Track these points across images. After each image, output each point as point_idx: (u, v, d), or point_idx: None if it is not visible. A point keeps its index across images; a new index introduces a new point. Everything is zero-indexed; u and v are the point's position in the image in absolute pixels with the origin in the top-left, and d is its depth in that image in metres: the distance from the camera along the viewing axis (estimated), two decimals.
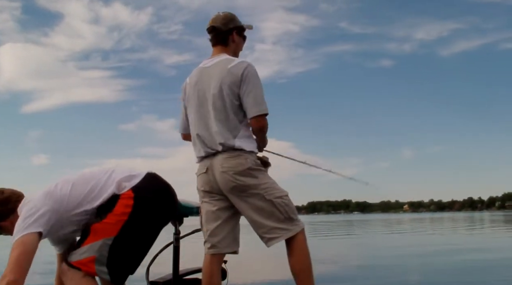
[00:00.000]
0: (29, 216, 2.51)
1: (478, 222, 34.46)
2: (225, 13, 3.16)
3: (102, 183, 2.73)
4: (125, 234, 2.62)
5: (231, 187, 2.89)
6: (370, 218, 70.10)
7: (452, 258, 9.01)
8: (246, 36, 3.24)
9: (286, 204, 2.88)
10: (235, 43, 3.13)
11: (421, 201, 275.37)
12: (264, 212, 2.86)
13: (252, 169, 2.88)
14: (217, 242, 2.97)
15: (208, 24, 3.13)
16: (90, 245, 2.59)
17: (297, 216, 2.92)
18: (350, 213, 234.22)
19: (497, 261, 8.41)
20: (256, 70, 2.95)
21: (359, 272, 7.41)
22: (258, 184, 2.87)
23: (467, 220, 42.90)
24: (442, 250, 10.70)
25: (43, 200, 2.60)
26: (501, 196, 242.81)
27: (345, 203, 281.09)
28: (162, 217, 2.84)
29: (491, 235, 18.33)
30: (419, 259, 9.14)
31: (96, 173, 2.79)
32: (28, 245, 2.45)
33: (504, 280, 6.11)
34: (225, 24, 3.09)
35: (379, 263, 8.76)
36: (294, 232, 2.85)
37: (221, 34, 3.10)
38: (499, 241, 14.52)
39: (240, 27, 3.16)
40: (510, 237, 16.72)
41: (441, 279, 6.32)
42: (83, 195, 2.68)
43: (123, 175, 2.77)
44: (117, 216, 2.63)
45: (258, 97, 2.88)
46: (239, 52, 3.20)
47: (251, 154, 2.93)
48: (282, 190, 2.93)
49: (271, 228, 2.85)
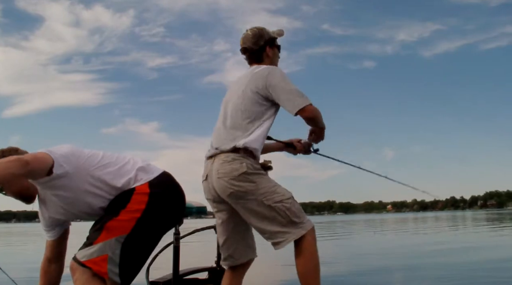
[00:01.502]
0: (48, 150, 2.49)
1: (469, 221, 34.71)
2: (253, 30, 3.12)
3: (124, 162, 2.70)
4: (137, 232, 2.55)
5: (228, 193, 2.83)
6: (354, 219, 70.24)
7: (440, 257, 9.08)
8: (279, 45, 3.19)
9: (287, 208, 2.79)
10: (269, 57, 3.11)
11: (404, 201, 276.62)
12: (265, 217, 2.79)
13: (249, 173, 2.80)
14: (231, 254, 2.97)
15: (240, 44, 3.12)
16: (103, 243, 2.49)
17: (301, 219, 2.82)
18: (333, 214, 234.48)
19: (488, 260, 8.50)
20: (281, 71, 2.93)
21: (348, 273, 7.45)
22: (255, 190, 2.80)
23: (452, 219, 43.22)
24: (439, 250, 10.79)
25: (66, 145, 2.62)
26: (483, 195, 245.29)
27: (328, 204, 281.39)
28: (172, 218, 2.80)
29: (481, 234, 18.50)
30: (409, 260, 9.19)
31: (116, 155, 2.77)
32: (40, 157, 2.42)
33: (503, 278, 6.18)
34: (255, 43, 3.08)
35: (369, 263, 8.80)
36: (298, 235, 2.77)
37: (255, 54, 3.10)
38: (490, 240, 14.65)
39: (270, 39, 3.12)
40: (499, 236, 16.88)
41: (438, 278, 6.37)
42: (106, 160, 2.66)
43: (142, 164, 2.74)
44: (130, 213, 2.55)
45: (292, 93, 2.84)
46: (277, 61, 3.18)
47: (248, 158, 2.84)
48: (284, 193, 2.84)
49: (274, 233, 2.80)
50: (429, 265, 7.60)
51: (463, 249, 10.88)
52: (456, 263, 8.00)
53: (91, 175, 2.59)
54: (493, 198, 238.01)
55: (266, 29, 3.13)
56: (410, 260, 8.68)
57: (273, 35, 3.13)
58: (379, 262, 8.66)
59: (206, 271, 3.95)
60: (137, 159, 2.78)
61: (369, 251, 11.23)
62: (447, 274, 6.49)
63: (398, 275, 6.97)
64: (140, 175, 2.68)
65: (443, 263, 7.83)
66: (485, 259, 8.38)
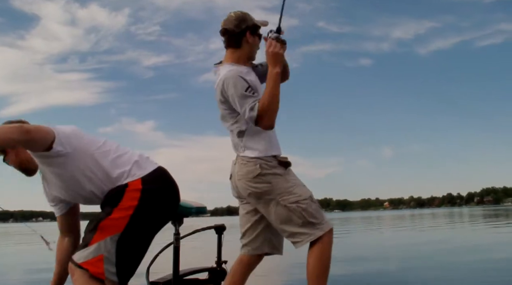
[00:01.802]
0: (53, 126, 2.55)
1: (468, 217, 34.76)
2: (237, 13, 3.02)
3: (122, 152, 2.72)
4: (131, 229, 2.55)
5: (248, 194, 2.89)
6: (351, 216, 70.37)
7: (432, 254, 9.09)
8: (261, 34, 3.05)
9: (304, 209, 2.80)
10: (249, 44, 3.00)
11: (401, 198, 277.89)
12: (283, 217, 2.82)
13: (264, 174, 2.83)
14: (247, 243, 3.04)
15: (221, 25, 3.03)
16: (98, 243, 2.49)
17: (320, 219, 2.82)
18: (330, 212, 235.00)
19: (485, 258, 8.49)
20: (231, 77, 2.83)
21: (355, 272, 7.45)
22: (271, 190, 2.83)
23: (450, 215, 43.34)
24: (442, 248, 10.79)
25: (71, 126, 2.68)
26: (479, 191, 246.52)
27: (325, 201, 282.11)
28: (166, 213, 2.78)
29: (481, 230, 18.56)
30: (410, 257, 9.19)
31: (117, 144, 2.78)
32: (43, 130, 2.47)
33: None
34: (237, 26, 2.96)
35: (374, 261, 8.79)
36: (315, 236, 2.79)
37: (234, 37, 2.98)
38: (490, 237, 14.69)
39: (254, 25, 3.00)
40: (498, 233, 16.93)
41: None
42: (107, 147, 2.68)
43: (138, 158, 2.73)
44: (123, 210, 2.55)
45: (239, 102, 2.79)
46: (255, 52, 3.07)
47: (261, 159, 2.86)
48: (301, 193, 2.84)
49: (292, 233, 2.82)
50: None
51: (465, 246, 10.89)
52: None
53: (90, 159, 2.61)
54: (490, 195, 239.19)
55: (250, 16, 3.03)
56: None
57: (257, 23, 3.02)
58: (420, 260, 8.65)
59: (206, 271, 3.93)
60: (135, 152, 2.77)
61: (395, 250, 11.16)
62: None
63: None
64: (134, 170, 2.67)
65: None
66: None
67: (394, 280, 6.26)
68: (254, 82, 2.92)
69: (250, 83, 2.84)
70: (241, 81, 2.81)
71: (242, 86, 2.79)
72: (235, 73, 2.84)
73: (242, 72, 2.88)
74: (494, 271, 6.47)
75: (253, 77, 2.98)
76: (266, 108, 2.73)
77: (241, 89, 2.79)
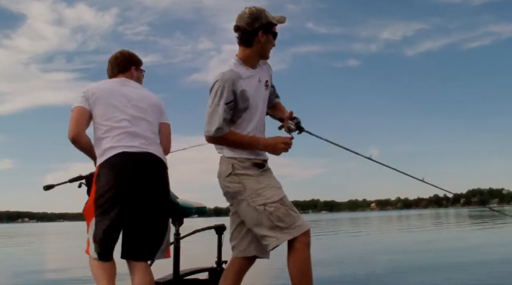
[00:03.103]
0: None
1: (454, 218, 34.99)
2: (251, 9, 2.87)
3: (109, 135, 2.95)
4: (98, 212, 2.87)
5: (224, 193, 2.91)
6: (338, 217, 70.50)
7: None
8: (276, 32, 2.95)
9: (270, 212, 2.73)
10: (261, 43, 2.89)
11: (388, 199, 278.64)
12: (253, 219, 2.78)
13: (237, 174, 2.83)
14: (235, 245, 3.00)
15: (235, 21, 2.92)
16: (88, 231, 2.93)
17: (288, 223, 2.73)
18: (318, 212, 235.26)
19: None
20: (222, 80, 2.78)
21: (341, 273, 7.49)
22: (243, 191, 2.81)
23: (436, 217, 43.58)
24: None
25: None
26: (466, 193, 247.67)
27: (313, 202, 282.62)
28: (121, 199, 2.86)
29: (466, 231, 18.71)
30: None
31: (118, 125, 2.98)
32: (75, 112, 2.98)
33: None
34: (250, 24, 2.85)
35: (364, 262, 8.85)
36: (281, 241, 2.71)
37: (246, 35, 2.88)
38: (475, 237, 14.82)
39: (267, 24, 2.87)
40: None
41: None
42: (108, 123, 2.97)
43: (111, 144, 2.91)
44: (91, 197, 2.92)
45: (212, 110, 2.81)
46: (268, 51, 2.97)
47: (235, 159, 2.85)
48: (270, 195, 2.77)
49: (262, 236, 2.78)
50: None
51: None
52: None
53: (96, 121, 3.01)
54: (476, 196, 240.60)
55: (266, 12, 2.88)
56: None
57: (272, 20, 2.89)
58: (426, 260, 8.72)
59: (207, 271, 3.93)
60: (116, 138, 2.93)
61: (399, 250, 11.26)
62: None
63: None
64: (101, 156, 2.92)
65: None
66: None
67: (381, 282, 6.33)
68: (249, 90, 2.86)
69: (239, 94, 2.81)
70: (227, 91, 2.77)
71: (226, 98, 2.77)
72: (231, 77, 2.79)
73: (241, 77, 2.84)
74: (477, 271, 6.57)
75: (253, 82, 2.91)
76: (225, 141, 2.84)
77: (222, 99, 2.77)
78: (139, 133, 2.97)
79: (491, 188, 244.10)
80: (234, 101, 2.81)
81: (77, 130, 2.93)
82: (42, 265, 11.75)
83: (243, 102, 2.83)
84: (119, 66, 3.26)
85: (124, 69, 3.26)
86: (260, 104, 2.96)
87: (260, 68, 2.99)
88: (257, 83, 2.94)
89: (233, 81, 2.79)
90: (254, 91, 2.91)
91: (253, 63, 2.95)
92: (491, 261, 7.85)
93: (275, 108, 3.19)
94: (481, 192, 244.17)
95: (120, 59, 3.28)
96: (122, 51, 3.32)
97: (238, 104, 2.83)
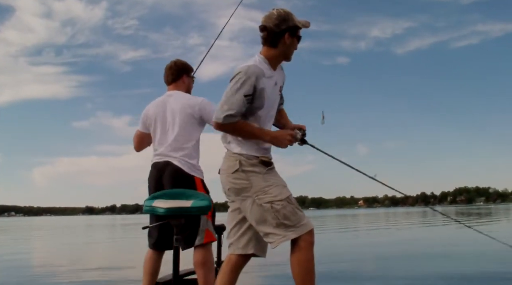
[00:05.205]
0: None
1: (440, 216, 35.19)
2: (280, 11, 2.91)
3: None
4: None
5: (227, 189, 2.91)
6: (326, 214, 70.67)
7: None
8: (300, 36, 2.99)
9: (277, 210, 2.75)
10: (286, 45, 2.92)
11: (375, 197, 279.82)
12: (257, 217, 2.80)
13: (244, 171, 2.84)
14: (233, 242, 3.00)
15: (261, 21, 2.94)
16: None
17: (294, 222, 2.77)
18: (306, 209, 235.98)
19: None
20: (246, 73, 2.79)
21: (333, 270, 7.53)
22: (249, 188, 2.82)
23: (424, 214, 43.82)
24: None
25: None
26: (452, 191, 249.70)
27: (301, 199, 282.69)
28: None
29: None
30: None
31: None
32: (135, 136, 4.16)
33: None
34: (277, 25, 2.88)
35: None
36: (287, 238, 2.75)
37: (272, 36, 2.90)
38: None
39: (294, 27, 2.92)
40: None
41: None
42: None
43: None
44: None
45: (229, 95, 2.80)
46: (292, 53, 3.00)
47: (242, 155, 2.87)
48: (277, 193, 2.80)
49: (266, 233, 2.80)
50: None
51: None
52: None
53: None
54: (463, 194, 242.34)
55: (293, 15, 2.93)
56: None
57: (298, 24, 2.93)
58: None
59: None
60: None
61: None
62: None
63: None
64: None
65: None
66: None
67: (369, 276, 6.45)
68: (267, 90, 2.88)
69: (258, 91, 2.82)
70: (249, 84, 2.78)
71: (246, 90, 2.78)
72: (256, 72, 2.81)
73: (264, 75, 2.86)
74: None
75: (271, 84, 2.93)
76: (233, 129, 2.84)
77: (241, 89, 2.77)
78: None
79: (477, 187, 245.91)
80: (252, 96, 2.81)
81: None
82: (41, 261, 11.66)
83: (259, 100, 2.85)
84: (173, 75, 3.87)
85: (177, 77, 3.87)
86: (273, 106, 2.99)
87: (278, 72, 3.01)
88: (273, 86, 2.96)
89: (257, 76, 2.81)
90: (271, 92, 2.92)
91: (275, 64, 2.98)
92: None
93: (279, 114, 3.20)
94: (468, 191, 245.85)
95: (174, 69, 3.88)
96: (176, 61, 3.91)
97: (254, 101, 2.84)
